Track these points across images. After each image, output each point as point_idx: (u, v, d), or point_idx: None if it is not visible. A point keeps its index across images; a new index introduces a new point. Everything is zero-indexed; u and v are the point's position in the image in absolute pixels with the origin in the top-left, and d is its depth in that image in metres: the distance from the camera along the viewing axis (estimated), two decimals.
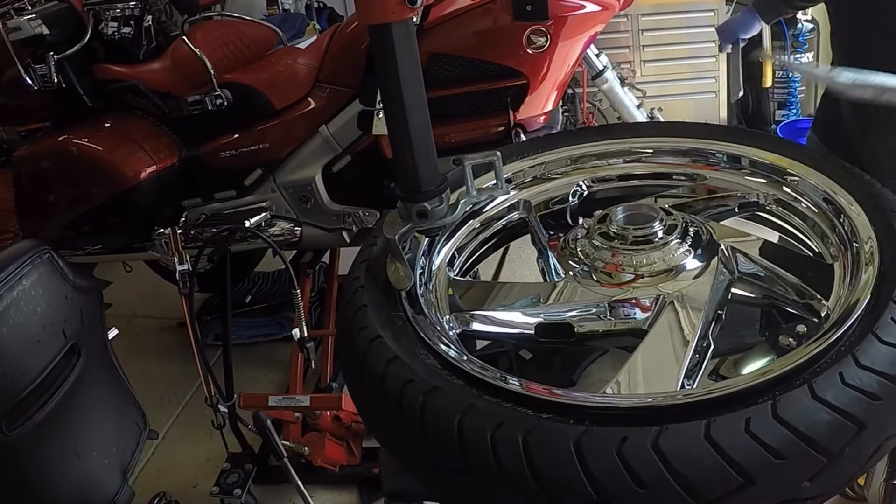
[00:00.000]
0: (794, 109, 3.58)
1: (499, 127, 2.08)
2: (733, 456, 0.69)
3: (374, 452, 2.15)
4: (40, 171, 2.32)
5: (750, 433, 0.70)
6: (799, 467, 0.71)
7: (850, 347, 0.78)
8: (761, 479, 0.69)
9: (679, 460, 0.70)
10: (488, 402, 0.80)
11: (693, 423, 0.72)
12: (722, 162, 1.22)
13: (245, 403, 2.04)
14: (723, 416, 0.72)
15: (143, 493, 1.93)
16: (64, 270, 1.55)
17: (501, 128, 2.08)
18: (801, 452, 0.70)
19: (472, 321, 1.05)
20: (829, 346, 0.79)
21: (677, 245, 1.02)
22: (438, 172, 1.01)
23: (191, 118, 2.28)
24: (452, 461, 0.78)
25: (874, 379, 0.75)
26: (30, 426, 1.42)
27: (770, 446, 0.70)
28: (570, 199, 1.28)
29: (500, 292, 1.11)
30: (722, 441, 0.70)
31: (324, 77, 2.25)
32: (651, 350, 0.92)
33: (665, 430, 0.71)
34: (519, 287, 1.11)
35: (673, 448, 0.70)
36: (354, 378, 0.94)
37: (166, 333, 3.02)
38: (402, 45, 0.93)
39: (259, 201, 2.36)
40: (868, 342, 0.79)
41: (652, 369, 0.90)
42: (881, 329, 0.80)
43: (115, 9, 2.27)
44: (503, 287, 1.12)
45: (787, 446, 0.70)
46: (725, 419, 0.71)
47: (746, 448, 0.70)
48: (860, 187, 1.04)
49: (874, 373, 0.75)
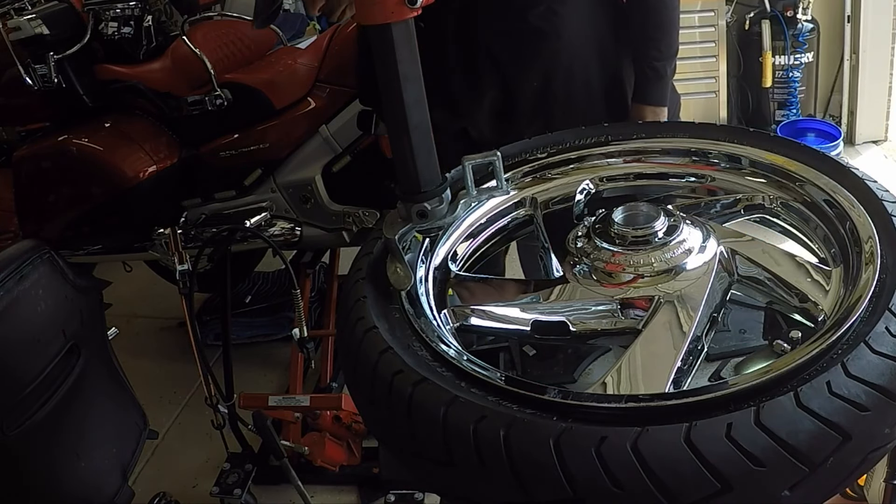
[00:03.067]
0: (794, 109, 3.58)
1: None
2: (711, 461, 0.69)
3: (374, 452, 2.15)
4: (40, 171, 2.32)
5: (730, 439, 0.70)
6: (779, 476, 0.70)
7: (841, 356, 0.77)
8: (739, 486, 0.69)
9: (657, 463, 0.69)
10: (474, 395, 0.81)
11: (674, 426, 0.71)
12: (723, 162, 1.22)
13: (245, 403, 2.04)
14: (704, 420, 0.71)
15: (143, 493, 1.93)
16: (64, 270, 1.56)
17: None
18: (782, 461, 0.70)
19: (471, 316, 1.05)
20: (819, 353, 0.78)
21: (677, 245, 1.02)
22: (438, 172, 1.01)
23: (191, 118, 2.28)
24: (436, 451, 0.79)
25: (862, 389, 0.74)
26: (30, 426, 1.42)
27: (750, 453, 0.69)
28: (578, 198, 1.28)
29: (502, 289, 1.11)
30: (701, 445, 0.69)
31: (324, 77, 2.25)
32: (643, 350, 0.92)
33: (645, 431, 0.71)
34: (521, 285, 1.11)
35: (652, 450, 0.70)
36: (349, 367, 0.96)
37: (166, 333, 3.02)
38: (402, 45, 0.93)
39: (259, 201, 2.36)
40: (859, 351, 0.77)
41: (642, 370, 0.90)
42: (873, 338, 0.79)
43: (115, 9, 2.26)
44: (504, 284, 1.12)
45: (768, 454, 0.69)
46: (706, 423, 0.71)
47: (725, 454, 0.69)
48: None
49: (863, 383, 0.74)
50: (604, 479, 0.70)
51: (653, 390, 0.85)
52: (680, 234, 1.03)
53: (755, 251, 1.06)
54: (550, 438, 0.73)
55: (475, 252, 1.25)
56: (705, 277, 0.99)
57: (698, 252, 1.02)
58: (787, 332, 0.98)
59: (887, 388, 0.75)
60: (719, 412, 0.72)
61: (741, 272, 1.05)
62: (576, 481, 0.71)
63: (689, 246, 1.02)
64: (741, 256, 1.05)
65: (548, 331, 1.01)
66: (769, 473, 0.69)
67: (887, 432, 0.76)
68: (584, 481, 0.71)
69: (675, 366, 0.88)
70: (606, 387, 0.87)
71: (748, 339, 1.10)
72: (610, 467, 0.70)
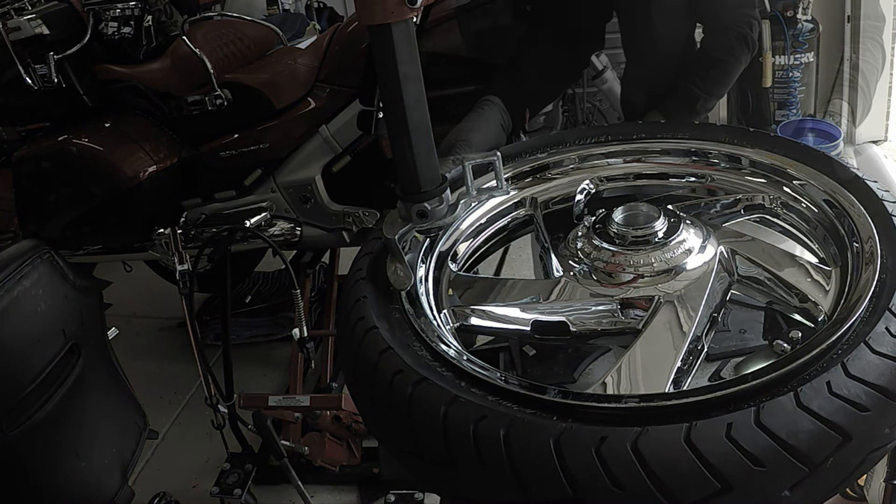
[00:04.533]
0: (794, 109, 3.58)
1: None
2: (711, 461, 0.69)
3: (374, 452, 2.15)
4: (40, 171, 2.32)
5: (730, 439, 0.70)
6: (779, 476, 0.70)
7: (841, 356, 0.77)
8: (739, 486, 0.69)
9: (657, 463, 0.69)
10: (474, 395, 0.81)
11: (674, 426, 0.71)
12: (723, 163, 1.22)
13: (245, 403, 2.04)
14: (704, 420, 0.71)
15: (143, 493, 1.93)
16: (64, 270, 1.55)
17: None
18: (782, 461, 0.70)
19: (471, 316, 1.05)
20: (819, 353, 0.78)
21: (677, 245, 1.02)
22: (438, 172, 1.01)
23: (191, 118, 2.28)
24: (437, 451, 0.78)
25: (862, 389, 0.74)
26: (30, 426, 1.42)
27: (750, 453, 0.69)
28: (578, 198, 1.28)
29: (502, 290, 1.11)
30: (701, 445, 0.69)
31: (324, 77, 2.25)
32: (643, 350, 0.92)
33: (645, 431, 0.71)
34: (521, 284, 1.11)
35: (652, 450, 0.70)
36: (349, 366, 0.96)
37: (166, 333, 3.02)
38: (402, 45, 0.93)
39: (259, 201, 2.36)
40: (859, 351, 0.77)
41: (642, 370, 0.90)
42: (874, 339, 0.79)
43: (115, 9, 2.27)
44: (505, 284, 1.12)
45: (768, 454, 0.69)
46: (706, 424, 0.71)
47: (725, 454, 0.69)
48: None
49: (863, 383, 0.74)
50: (604, 479, 0.70)
51: (653, 390, 0.85)
52: (680, 234, 1.03)
53: (755, 251, 1.06)
54: (551, 438, 0.73)
55: (475, 252, 1.25)
56: (706, 277, 0.99)
57: (698, 252, 1.02)
58: (787, 332, 0.98)
59: (887, 388, 0.75)
60: (719, 412, 0.72)
61: (741, 272, 1.05)
62: (576, 481, 0.71)
63: (689, 246, 1.02)
64: (741, 256, 1.05)
65: (548, 331, 1.01)
66: (769, 473, 0.69)
67: (887, 432, 0.75)
68: (584, 481, 0.71)
69: (676, 366, 0.88)
70: (606, 387, 0.87)
71: (748, 339, 1.10)
72: (610, 467, 0.70)
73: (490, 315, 1.06)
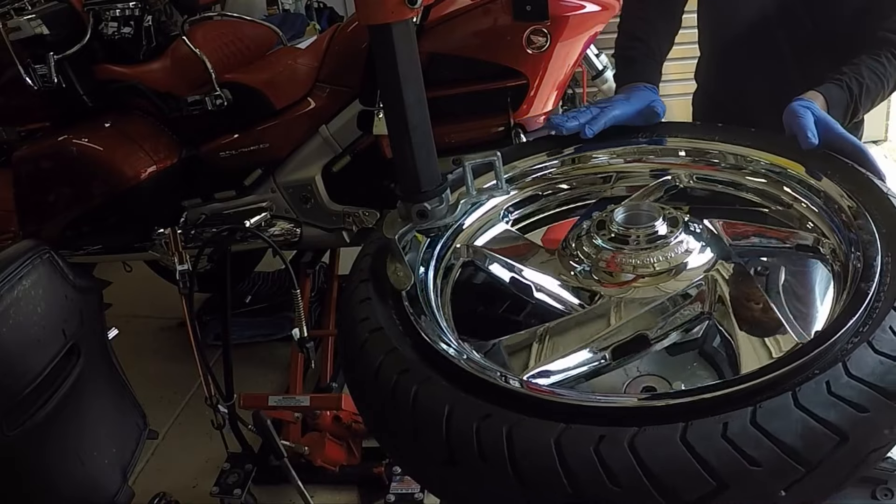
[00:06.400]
0: None
1: (499, 127, 2.09)
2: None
3: (374, 452, 2.15)
4: (40, 171, 2.33)
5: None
6: (775, 476, 0.70)
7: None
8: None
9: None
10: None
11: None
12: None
13: (245, 403, 2.04)
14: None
15: (143, 493, 1.92)
16: (64, 270, 1.55)
17: (501, 128, 2.09)
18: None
19: (486, 258, 1.10)
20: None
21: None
22: (438, 172, 1.01)
23: (191, 118, 2.28)
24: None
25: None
26: (30, 426, 1.42)
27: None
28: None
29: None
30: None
31: (324, 77, 2.25)
32: None
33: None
34: None
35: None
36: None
37: (166, 333, 3.02)
38: (402, 45, 0.93)
39: (259, 201, 2.36)
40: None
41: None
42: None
43: (115, 9, 2.27)
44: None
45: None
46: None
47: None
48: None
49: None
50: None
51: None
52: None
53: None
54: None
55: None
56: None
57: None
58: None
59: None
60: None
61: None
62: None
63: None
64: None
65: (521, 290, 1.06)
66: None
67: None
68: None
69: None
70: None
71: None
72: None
73: (503, 264, 1.10)
